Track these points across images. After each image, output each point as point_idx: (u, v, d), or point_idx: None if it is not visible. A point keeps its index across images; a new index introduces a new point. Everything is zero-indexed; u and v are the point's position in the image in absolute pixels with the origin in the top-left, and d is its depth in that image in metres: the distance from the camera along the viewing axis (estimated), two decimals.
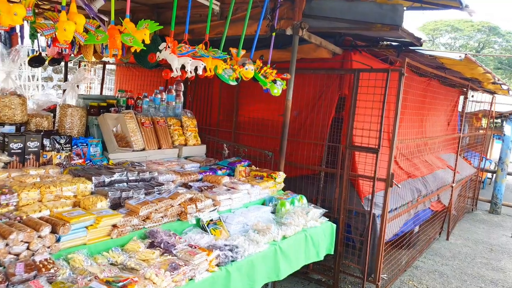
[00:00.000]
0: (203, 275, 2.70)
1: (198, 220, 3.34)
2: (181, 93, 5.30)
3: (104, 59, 7.73)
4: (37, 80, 11.81)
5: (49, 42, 2.59)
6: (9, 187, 2.59)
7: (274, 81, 3.93)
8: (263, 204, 4.12)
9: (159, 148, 4.56)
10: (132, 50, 2.85)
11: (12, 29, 4.45)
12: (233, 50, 3.69)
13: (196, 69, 3.33)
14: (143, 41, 2.85)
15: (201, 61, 3.27)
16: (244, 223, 3.59)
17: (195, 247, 2.88)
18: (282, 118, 4.55)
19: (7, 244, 2.13)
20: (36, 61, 5.68)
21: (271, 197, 4.17)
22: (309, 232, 3.84)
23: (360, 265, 5.02)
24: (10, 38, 4.36)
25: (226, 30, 3.69)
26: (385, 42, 5.14)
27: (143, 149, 4.35)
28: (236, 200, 3.74)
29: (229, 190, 3.81)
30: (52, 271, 2.18)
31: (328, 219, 4.21)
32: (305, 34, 4.30)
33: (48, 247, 2.34)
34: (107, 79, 8.76)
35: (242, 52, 3.75)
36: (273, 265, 3.38)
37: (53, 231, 2.38)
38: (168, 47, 3.11)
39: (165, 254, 2.75)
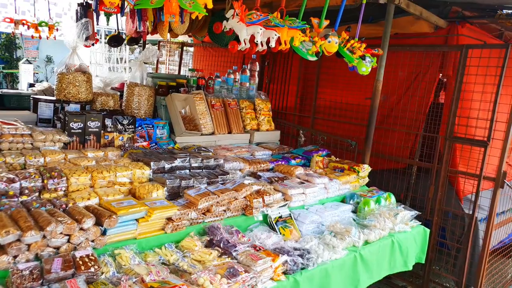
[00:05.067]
0: (267, 284, 2.28)
1: (265, 216, 2.91)
2: (256, 74, 4.85)
3: (181, 38, 7.63)
4: (125, 62, 12.34)
5: (95, 7, 2.28)
6: (59, 170, 2.37)
7: (363, 57, 3.26)
8: (342, 201, 3.55)
9: (229, 132, 4.19)
10: (193, 16, 2.43)
11: (87, 4, 4.38)
12: (314, 20, 3.09)
13: (268, 41, 2.81)
14: (205, 6, 2.41)
15: (275, 31, 2.74)
16: (319, 223, 3.07)
17: (259, 249, 2.44)
18: (369, 102, 3.87)
19: (44, 236, 1.88)
20: (115, 40, 5.70)
21: (352, 194, 3.56)
22: (397, 237, 3.20)
23: (455, 276, 4.21)
24: (86, 14, 4.27)
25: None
26: (505, 11, 4.10)
27: (212, 133, 4.02)
28: (310, 196, 3.23)
29: (303, 183, 3.30)
30: (92, 269, 1.89)
31: (420, 222, 3.49)
32: (403, 2, 3.55)
33: (93, 241, 2.07)
34: (188, 62, 8.69)
35: (325, 23, 3.13)
36: (351, 275, 2.83)
37: (99, 223, 2.10)
38: (236, 14, 2.64)
39: (223, 256, 2.36)
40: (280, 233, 2.81)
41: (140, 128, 3.52)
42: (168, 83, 4.24)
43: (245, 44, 2.70)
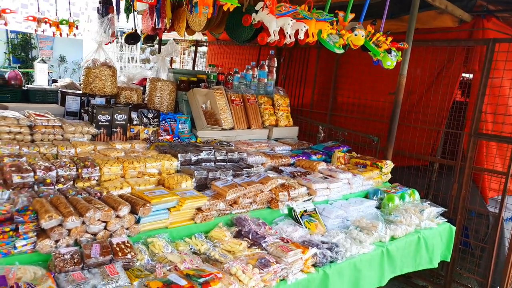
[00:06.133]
0: (297, 276, 2.30)
1: (290, 209, 2.93)
2: (274, 70, 4.88)
3: (196, 37, 7.71)
4: (136, 62, 12.47)
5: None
6: (92, 160, 2.43)
7: (388, 51, 3.27)
8: (365, 197, 3.55)
9: (249, 127, 4.23)
10: (225, 8, 2.46)
11: (109, 1, 4.46)
12: (340, 14, 3.12)
13: (296, 33, 2.84)
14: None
15: (304, 23, 2.77)
16: (344, 218, 3.08)
17: (288, 242, 2.46)
18: (389, 98, 3.88)
19: (83, 222, 1.93)
20: (132, 38, 5.78)
21: (375, 190, 3.57)
22: (423, 234, 3.19)
23: (480, 276, 4.18)
24: (107, 11, 4.35)
25: None
26: None
27: (232, 128, 4.06)
28: (334, 191, 3.25)
29: (326, 178, 3.32)
30: (129, 256, 1.94)
31: (446, 219, 3.48)
32: None
33: (127, 229, 2.12)
34: (199, 61, 8.77)
35: (351, 16, 3.16)
36: (378, 270, 2.84)
37: (133, 211, 2.15)
38: (266, 6, 2.68)
39: (253, 247, 2.39)
40: (306, 227, 2.84)
41: (163, 122, 3.58)
42: (189, 79, 4.29)
43: (275, 36, 2.73)
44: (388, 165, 3.76)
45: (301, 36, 2.80)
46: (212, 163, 3.09)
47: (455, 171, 4.19)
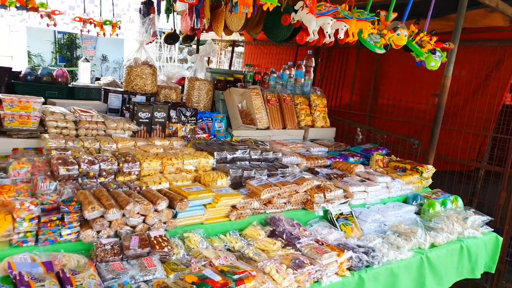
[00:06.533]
0: (332, 278, 2.28)
1: (325, 212, 2.92)
2: (311, 69, 4.86)
3: (233, 37, 7.81)
4: (174, 61, 12.79)
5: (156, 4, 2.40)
6: (132, 155, 2.54)
7: (433, 52, 3.17)
8: (404, 202, 3.46)
9: (284, 127, 4.24)
10: (265, 8, 2.49)
11: (150, 2, 4.61)
12: (382, 13, 3.06)
13: (336, 33, 2.83)
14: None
15: (344, 23, 2.75)
16: (381, 222, 3.02)
17: (323, 244, 2.45)
18: (433, 100, 3.76)
19: (124, 215, 2.02)
20: (171, 38, 5.95)
21: (415, 195, 3.47)
22: (466, 243, 3.07)
23: None
24: (148, 11, 4.50)
25: None
26: None
27: (267, 128, 4.08)
28: (372, 194, 3.20)
29: (364, 181, 3.27)
30: (165, 249, 2.00)
31: (491, 228, 3.33)
32: None
33: (164, 223, 2.19)
34: (235, 61, 8.88)
35: (393, 15, 3.09)
36: (417, 278, 2.77)
37: (170, 206, 2.21)
38: (306, 6, 2.68)
39: (287, 247, 2.40)
40: (341, 230, 2.81)
41: (200, 120, 3.66)
42: (226, 78, 4.36)
43: (314, 35, 2.73)
44: (429, 170, 3.64)
45: (341, 35, 2.78)
46: (247, 162, 3.13)
47: (503, 179, 4.00)
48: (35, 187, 2.14)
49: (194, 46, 8.62)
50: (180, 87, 4.11)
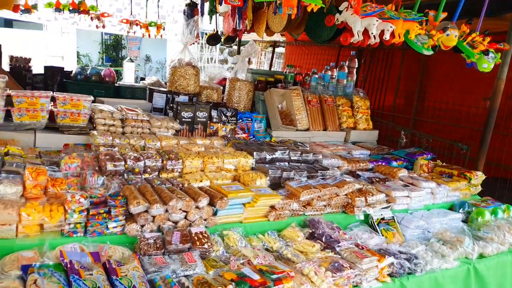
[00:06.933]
0: (372, 284, 2.26)
1: (366, 216, 2.88)
2: (354, 71, 4.80)
3: (275, 38, 7.84)
4: (214, 62, 13.04)
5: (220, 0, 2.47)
6: (175, 153, 2.63)
7: (486, 52, 3.04)
8: (450, 209, 3.34)
9: (324, 129, 4.21)
10: (309, 9, 2.50)
11: (194, 4, 4.74)
12: (431, 13, 2.98)
13: (381, 34, 2.78)
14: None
15: (390, 23, 2.70)
16: (425, 229, 2.94)
17: (363, 248, 2.42)
18: (484, 103, 3.60)
19: (167, 210, 2.10)
20: (213, 39, 6.08)
21: (462, 202, 3.34)
22: None
23: None
24: (192, 13, 4.64)
25: None
26: None
27: (307, 129, 4.08)
28: (415, 200, 3.12)
29: (407, 186, 3.19)
30: (206, 246, 2.06)
31: None
32: None
33: (205, 220, 2.26)
34: (275, 62, 8.91)
35: (443, 15, 2.99)
36: None
37: (211, 204, 2.28)
38: (351, 6, 2.66)
39: (326, 250, 2.39)
40: (382, 235, 2.76)
41: (240, 120, 3.72)
42: (266, 79, 4.40)
43: (358, 36, 2.70)
44: (479, 177, 3.49)
45: (387, 36, 2.73)
46: (286, 163, 3.14)
47: None
48: (84, 181, 2.27)
49: (235, 47, 8.76)
50: (221, 87, 4.20)
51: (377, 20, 2.64)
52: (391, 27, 2.70)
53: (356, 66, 4.76)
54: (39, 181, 2.06)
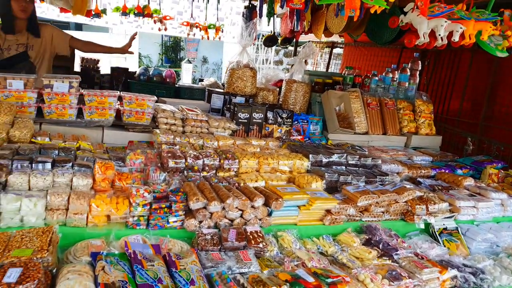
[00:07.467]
0: None
1: (427, 225, 2.79)
2: (417, 73, 4.63)
3: (332, 38, 7.77)
4: (270, 63, 13.15)
5: (282, 3, 2.51)
6: (232, 153, 2.72)
7: None
8: None
9: (384, 133, 4.12)
10: (372, 10, 2.47)
11: (253, 6, 4.84)
12: (506, 12, 2.81)
13: (450, 35, 2.67)
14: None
15: (460, 24, 2.59)
16: (493, 243, 2.79)
17: (423, 258, 2.35)
18: None
19: (224, 208, 2.18)
20: (270, 40, 6.17)
21: None
22: None
23: None
24: (251, 15, 4.74)
25: None
26: None
27: (366, 133, 4.01)
28: (483, 211, 2.96)
29: (473, 196, 3.04)
30: (261, 245, 2.12)
31: None
32: None
33: (260, 219, 2.31)
34: (332, 64, 8.80)
35: None
36: None
37: (266, 204, 2.33)
38: (417, 7, 2.59)
39: (383, 257, 2.35)
40: (444, 246, 2.65)
41: (296, 122, 3.74)
42: (324, 80, 4.38)
43: (424, 38, 2.62)
44: None
45: (456, 38, 2.62)
46: (343, 167, 3.11)
47: None
48: (147, 177, 2.42)
49: (290, 48, 8.77)
50: (277, 89, 4.25)
51: (445, 21, 2.54)
52: (461, 28, 2.58)
53: (420, 68, 4.60)
54: (107, 175, 2.23)
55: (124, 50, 4.05)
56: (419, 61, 4.58)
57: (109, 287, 1.60)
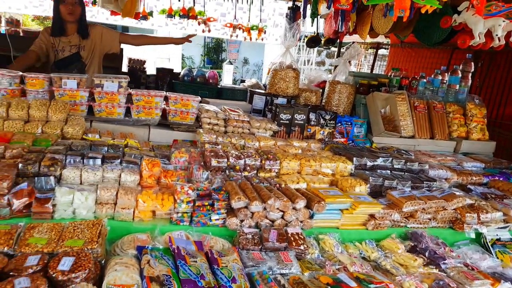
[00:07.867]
0: None
1: (478, 234, 2.69)
2: (469, 75, 4.44)
3: (377, 39, 7.61)
4: (311, 64, 13.07)
5: (329, 4, 2.50)
6: (273, 154, 2.74)
7: None
8: None
9: (432, 138, 3.99)
10: (423, 10, 2.41)
11: (297, 7, 4.85)
12: None
13: (508, 35, 2.56)
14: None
15: None
16: None
17: (473, 269, 2.26)
18: None
19: (265, 208, 2.20)
20: (313, 41, 6.14)
21: None
22: None
23: None
24: (295, 16, 4.75)
25: None
26: None
27: (412, 137, 3.90)
28: None
29: None
30: (301, 247, 2.12)
31: None
32: None
33: (301, 221, 2.31)
34: (377, 65, 8.61)
35: None
36: None
37: (307, 206, 2.33)
38: (472, 6, 2.49)
39: (430, 266, 2.29)
40: (497, 258, 2.53)
41: (339, 124, 3.70)
42: (369, 82, 4.31)
43: (480, 38, 2.52)
44: None
45: None
46: (388, 171, 3.05)
47: None
48: (190, 175, 2.49)
49: (333, 49, 8.68)
50: (320, 90, 4.23)
51: (503, 21, 2.43)
52: None
53: (472, 70, 4.41)
54: (153, 171, 2.31)
55: (182, 41, 4.22)
56: (472, 63, 4.40)
57: (154, 280, 1.67)
